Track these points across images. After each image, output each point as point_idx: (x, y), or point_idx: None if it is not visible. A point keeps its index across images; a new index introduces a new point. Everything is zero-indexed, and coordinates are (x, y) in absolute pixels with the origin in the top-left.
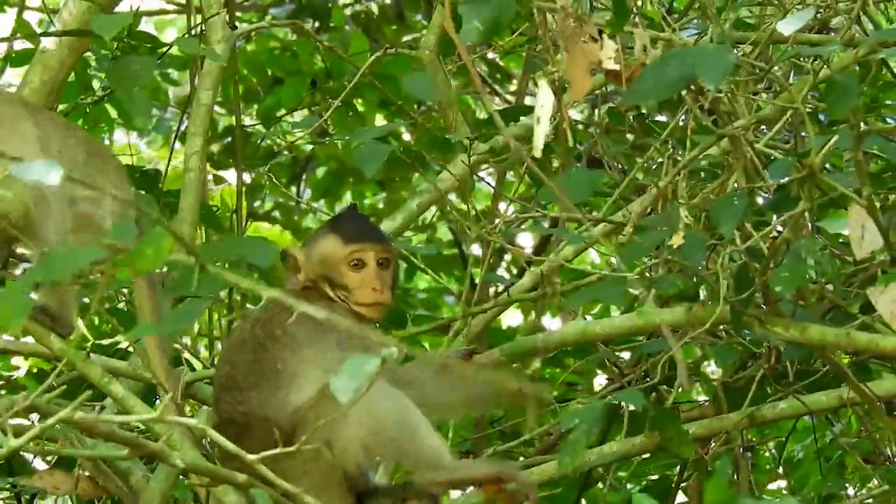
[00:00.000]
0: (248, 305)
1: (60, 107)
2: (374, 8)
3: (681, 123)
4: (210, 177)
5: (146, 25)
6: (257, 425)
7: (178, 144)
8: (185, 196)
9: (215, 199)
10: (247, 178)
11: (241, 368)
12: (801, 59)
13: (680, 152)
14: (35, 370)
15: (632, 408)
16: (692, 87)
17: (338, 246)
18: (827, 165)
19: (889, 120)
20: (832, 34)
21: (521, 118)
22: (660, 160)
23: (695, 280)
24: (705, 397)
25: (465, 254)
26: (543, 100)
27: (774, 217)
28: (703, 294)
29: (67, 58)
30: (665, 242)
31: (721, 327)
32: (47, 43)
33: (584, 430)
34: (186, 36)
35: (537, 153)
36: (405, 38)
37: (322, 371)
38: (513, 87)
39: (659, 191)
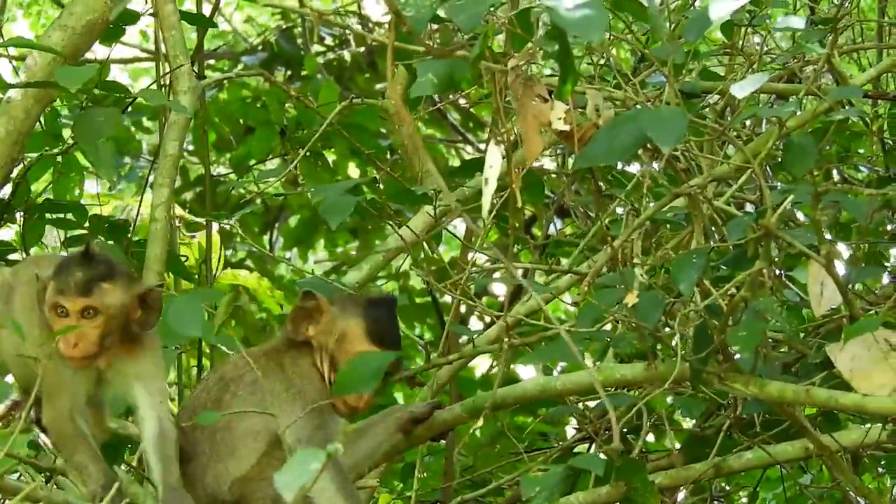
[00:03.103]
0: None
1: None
2: (347, 56)
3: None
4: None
5: (121, 74)
6: (200, 496)
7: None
8: (152, 246)
9: (192, 246)
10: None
11: (187, 436)
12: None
13: (649, 202)
14: None
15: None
16: (648, 146)
17: (363, 343)
18: (800, 215)
19: (861, 168)
20: (801, 83)
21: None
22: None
23: (652, 338)
24: (678, 445)
25: (438, 303)
26: (491, 161)
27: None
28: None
29: (33, 108)
30: (621, 301)
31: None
32: (12, 93)
33: (544, 497)
34: (154, 87)
35: (485, 214)
36: (378, 87)
37: (264, 443)
38: (485, 136)
39: (613, 250)
